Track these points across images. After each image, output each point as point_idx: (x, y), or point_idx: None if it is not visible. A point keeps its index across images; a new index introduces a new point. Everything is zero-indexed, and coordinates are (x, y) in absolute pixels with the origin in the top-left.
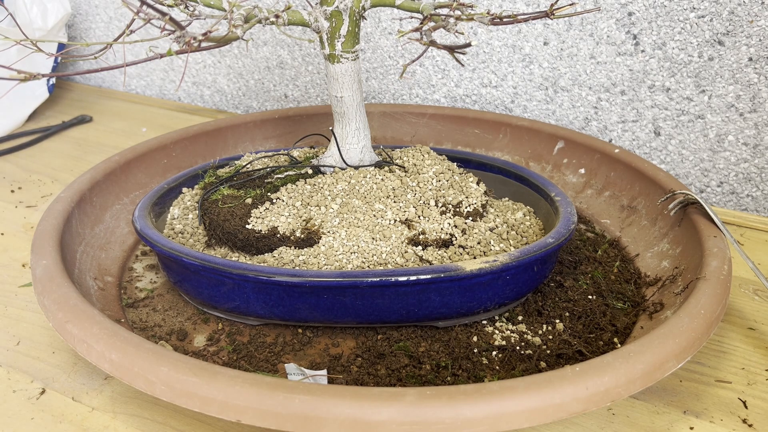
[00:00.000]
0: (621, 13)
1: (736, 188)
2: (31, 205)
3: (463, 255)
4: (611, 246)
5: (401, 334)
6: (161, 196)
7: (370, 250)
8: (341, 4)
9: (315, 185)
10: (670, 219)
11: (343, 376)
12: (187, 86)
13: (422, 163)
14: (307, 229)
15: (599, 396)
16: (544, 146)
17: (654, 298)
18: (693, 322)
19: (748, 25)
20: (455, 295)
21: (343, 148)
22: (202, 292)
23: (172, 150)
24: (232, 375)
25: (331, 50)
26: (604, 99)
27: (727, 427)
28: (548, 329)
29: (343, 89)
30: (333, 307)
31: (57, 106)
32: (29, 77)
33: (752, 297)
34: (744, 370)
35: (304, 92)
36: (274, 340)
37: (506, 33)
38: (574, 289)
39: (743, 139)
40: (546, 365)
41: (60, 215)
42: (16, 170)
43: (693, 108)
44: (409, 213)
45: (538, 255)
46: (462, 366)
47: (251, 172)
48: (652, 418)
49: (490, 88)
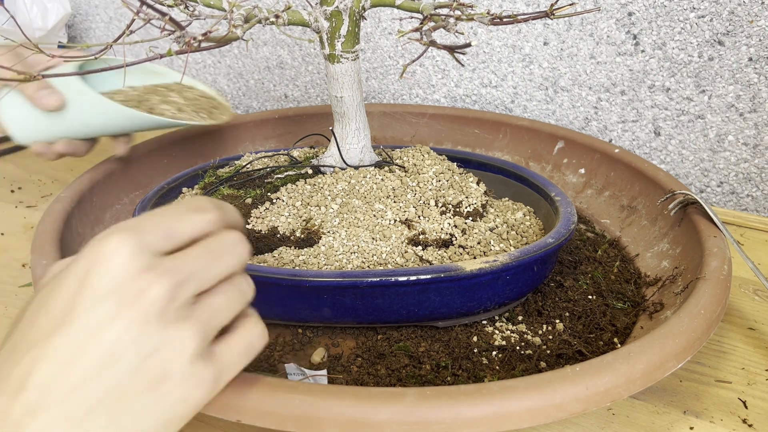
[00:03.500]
0: (621, 13)
1: (736, 188)
2: (31, 205)
3: (463, 255)
4: (611, 246)
5: (401, 334)
6: (161, 197)
7: (370, 250)
8: (341, 4)
9: (315, 185)
10: (670, 219)
11: (343, 376)
12: None
13: (422, 163)
14: (307, 229)
15: (599, 396)
16: (544, 146)
17: (654, 298)
18: (693, 323)
19: (748, 25)
20: (455, 295)
21: (343, 148)
22: None
23: (172, 150)
24: None
25: (331, 50)
26: (604, 99)
27: (727, 427)
28: (548, 329)
29: (343, 89)
30: (333, 307)
31: None
32: (29, 77)
33: (752, 297)
34: (744, 370)
35: (304, 92)
36: (274, 340)
37: (506, 33)
38: (574, 289)
39: (743, 139)
40: (546, 365)
41: (60, 215)
42: (16, 170)
43: (693, 108)
44: (409, 213)
45: (538, 255)
46: (462, 366)
47: (251, 172)
48: (652, 418)
49: (490, 88)
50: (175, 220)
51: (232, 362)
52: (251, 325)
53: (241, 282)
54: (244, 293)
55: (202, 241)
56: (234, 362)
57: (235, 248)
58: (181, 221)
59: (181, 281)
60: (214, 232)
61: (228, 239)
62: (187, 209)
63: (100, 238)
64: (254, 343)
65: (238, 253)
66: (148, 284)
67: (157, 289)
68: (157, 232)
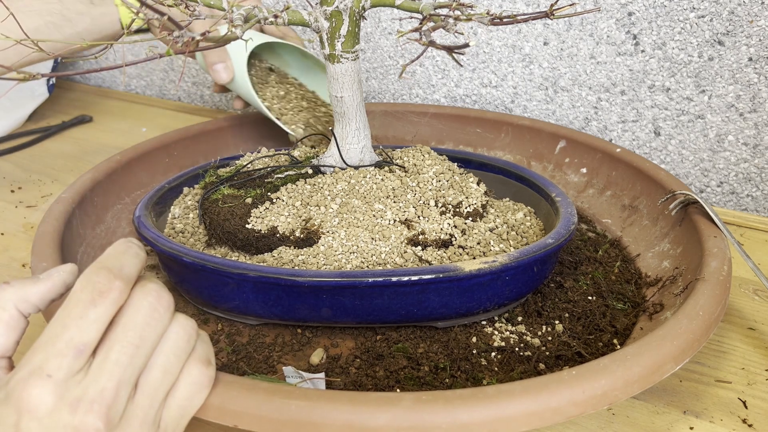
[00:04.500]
0: (621, 13)
1: (736, 188)
2: (31, 205)
3: (463, 255)
4: (612, 246)
5: (400, 334)
6: (162, 196)
7: (370, 250)
8: (341, 4)
9: (315, 185)
10: (671, 219)
11: (341, 378)
12: (187, 86)
13: (422, 163)
14: (307, 229)
15: (596, 399)
16: (545, 145)
17: (654, 298)
18: (691, 324)
19: (748, 25)
20: (454, 296)
21: (343, 148)
22: (203, 292)
23: (173, 149)
24: (229, 380)
25: (331, 50)
26: (604, 99)
27: (727, 427)
28: (548, 330)
29: (343, 89)
30: (332, 307)
31: (57, 106)
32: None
33: (752, 297)
34: (744, 370)
35: None
36: (273, 341)
37: (506, 33)
38: (574, 290)
39: (743, 139)
40: (545, 367)
41: (61, 216)
42: (16, 170)
43: (693, 108)
44: (409, 213)
45: (537, 255)
46: (460, 367)
47: (251, 171)
48: (652, 418)
49: (490, 88)
50: (79, 327)
51: (175, 425)
52: (190, 379)
53: (177, 334)
54: (182, 345)
55: (120, 328)
56: (177, 424)
57: (155, 311)
58: (84, 326)
59: (113, 398)
60: (127, 302)
61: (145, 304)
62: (87, 302)
63: (18, 391)
64: (194, 396)
65: (160, 314)
66: (82, 421)
67: (93, 422)
68: (67, 357)
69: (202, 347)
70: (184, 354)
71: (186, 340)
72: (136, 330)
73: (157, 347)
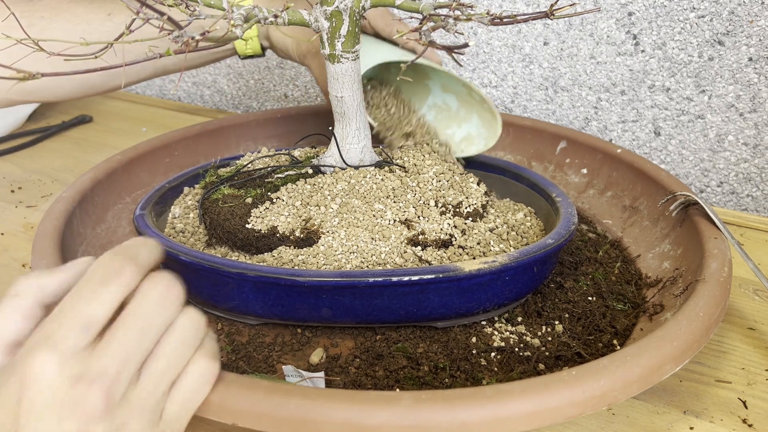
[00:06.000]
0: (621, 13)
1: (736, 188)
2: (31, 205)
3: (463, 255)
4: (612, 247)
5: (400, 334)
6: (162, 195)
7: (370, 250)
8: (341, 4)
9: (315, 185)
10: (672, 220)
11: (340, 378)
12: (187, 86)
13: (422, 163)
14: (307, 229)
15: (596, 400)
16: (546, 146)
17: (654, 299)
18: (691, 325)
19: (748, 25)
20: (454, 296)
21: (343, 148)
22: (202, 292)
23: (174, 149)
24: (228, 378)
25: (331, 50)
26: (604, 99)
27: (727, 427)
28: (547, 330)
29: (344, 89)
30: (332, 307)
31: (57, 106)
32: (29, 77)
33: (752, 297)
34: (744, 370)
35: (304, 92)
36: (273, 340)
37: (506, 33)
38: (575, 291)
39: (743, 139)
40: (544, 367)
41: (61, 215)
42: (16, 170)
43: (693, 108)
44: (409, 213)
45: (537, 256)
46: (460, 367)
47: (252, 171)
48: (652, 418)
49: (490, 88)
50: (89, 304)
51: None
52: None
53: (184, 326)
54: (190, 338)
55: (128, 312)
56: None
57: (164, 299)
58: (95, 303)
59: (114, 378)
60: (137, 289)
61: (154, 292)
62: (99, 281)
63: (24, 360)
64: (199, 389)
65: (169, 302)
66: (82, 395)
67: (93, 397)
68: (74, 331)
69: (209, 342)
70: (192, 346)
71: (194, 333)
72: (144, 315)
73: (165, 337)
